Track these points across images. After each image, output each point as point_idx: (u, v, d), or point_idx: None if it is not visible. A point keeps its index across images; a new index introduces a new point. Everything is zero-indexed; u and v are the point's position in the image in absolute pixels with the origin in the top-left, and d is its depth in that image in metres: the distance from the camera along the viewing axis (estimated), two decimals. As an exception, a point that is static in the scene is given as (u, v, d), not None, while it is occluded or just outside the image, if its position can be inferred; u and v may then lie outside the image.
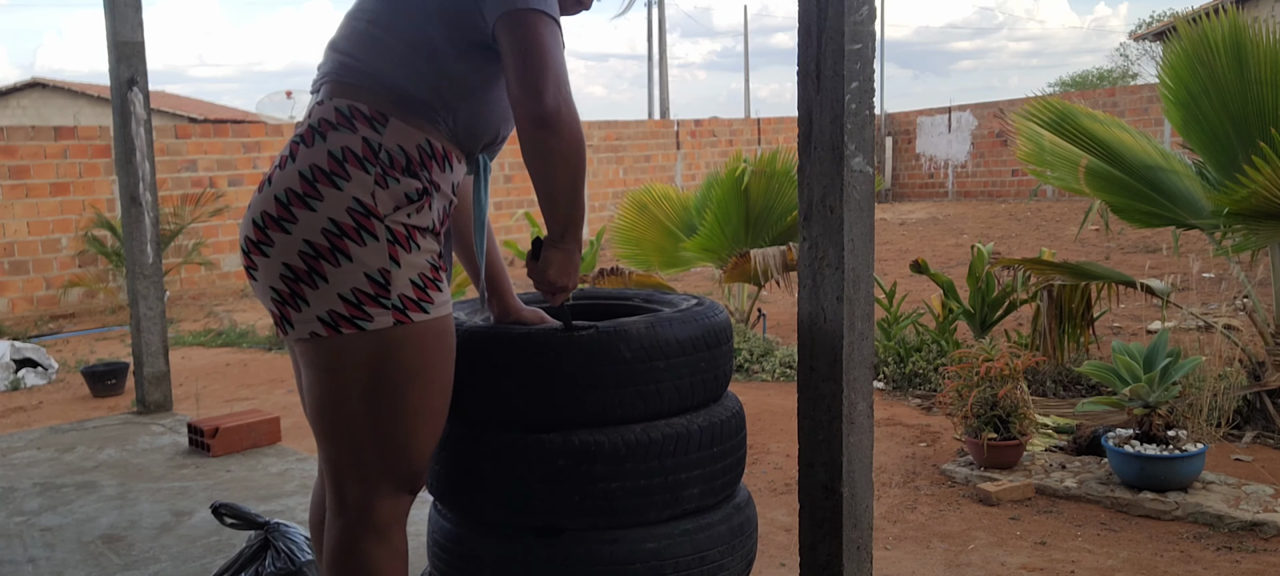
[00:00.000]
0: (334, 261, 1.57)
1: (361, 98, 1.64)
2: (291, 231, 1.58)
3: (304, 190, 1.58)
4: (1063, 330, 4.86)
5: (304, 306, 1.60)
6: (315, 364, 1.65)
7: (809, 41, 1.85)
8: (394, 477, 1.68)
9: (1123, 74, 33.74)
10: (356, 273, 1.57)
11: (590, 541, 1.88)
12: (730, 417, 2.01)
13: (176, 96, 25.36)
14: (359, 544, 1.68)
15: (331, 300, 1.58)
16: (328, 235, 1.57)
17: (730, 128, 18.07)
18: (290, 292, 1.60)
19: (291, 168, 1.61)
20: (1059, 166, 4.72)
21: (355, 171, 1.59)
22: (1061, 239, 11.43)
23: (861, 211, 1.85)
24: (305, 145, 1.62)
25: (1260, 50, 4.05)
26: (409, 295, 1.61)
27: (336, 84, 1.68)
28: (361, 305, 1.58)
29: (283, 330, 1.67)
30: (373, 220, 1.58)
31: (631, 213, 7.59)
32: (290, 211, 1.59)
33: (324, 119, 1.64)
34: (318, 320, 1.60)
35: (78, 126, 10.80)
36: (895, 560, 3.14)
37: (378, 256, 1.58)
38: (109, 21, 4.48)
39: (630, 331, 1.86)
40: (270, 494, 3.49)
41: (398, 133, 1.63)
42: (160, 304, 4.68)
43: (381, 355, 1.61)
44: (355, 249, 1.57)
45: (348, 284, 1.58)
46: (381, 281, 1.58)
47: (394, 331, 1.60)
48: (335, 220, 1.57)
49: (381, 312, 1.59)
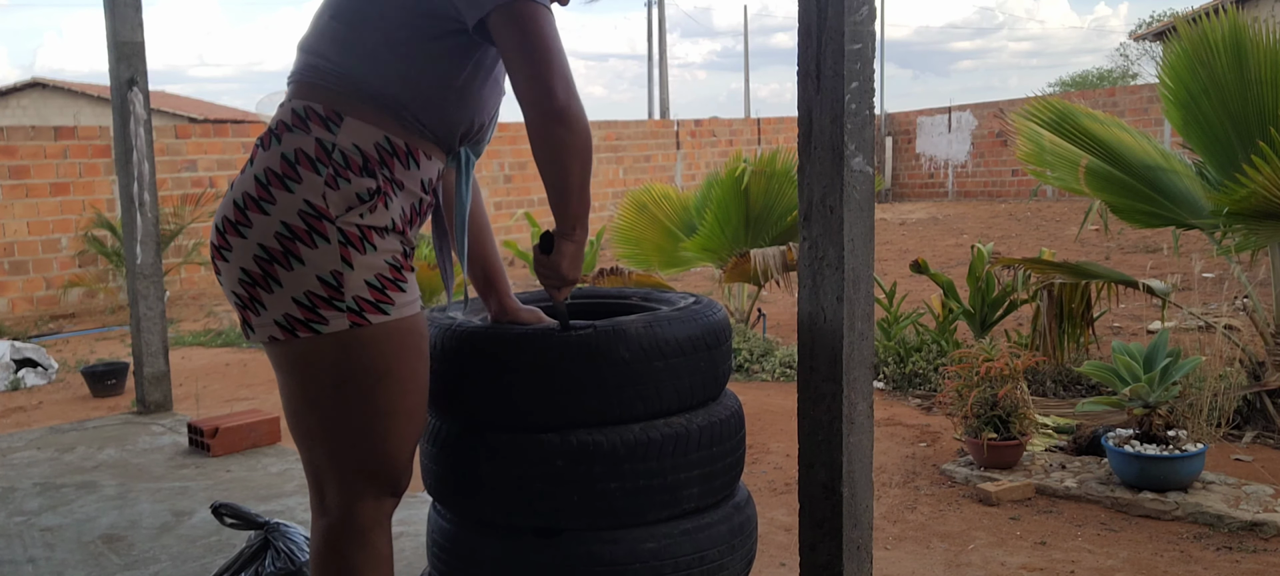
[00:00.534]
0: (287, 265, 1.57)
1: (318, 97, 1.63)
2: (247, 235, 1.59)
3: (258, 194, 1.59)
4: (1063, 330, 4.85)
5: (262, 310, 1.60)
6: (281, 367, 1.66)
7: (809, 41, 1.85)
8: (372, 481, 1.67)
9: (1123, 74, 33.75)
10: (309, 276, 1.57)
11: (589, 541, 1.88)
12: (729, 417, 2.00)
13: (176, 96, 25.37)
14: (340, 547, 1.67)
15: (286, 304, 1.58)
16: (280, 238, 1.57)
17: (730, 128, 18.07)
18: (249, 297, 1.61)
19: (249, 171, 1.62)
20: (1059, 166, 4.72)
21: (306, 173, 1.58)
22: (1061, 239, 11.43)
23: (861, 211, 1.85)
24: (263, 149, 1.63)
25: (1260, 50, 4.05)
26: (365, 297, 1.59)
27: (299, 84, 1.68)
28: (316, 308, 1.58)
29: (246, 334, 1.67)
30: (324, 222, 1.57)
31: (631, 212, 7.59)
32: (246, 215, 1.59)
33: (281, 121, 1.64)
34: (274, 324, 1.60)
35: (78, 126, 10.80)
36: (895, 560, 3.14)
37: (330, 259, 1.57)
38: (109, 21, 4.48)
39: (628, 331, 1.86)
40: (270, 494, 3.49)
41: (353, 131, 1.61)
42: (160, 304, 4.68)
43: (342, 358, 1.60)
44: (306, 251, 1.56)
45: (301, 287, 1.57)
46: (334, 283, 1.57)
47: (352, 333, 1.59)
48: (287, 223, 1.57)
49: (336, 315, 1.58)
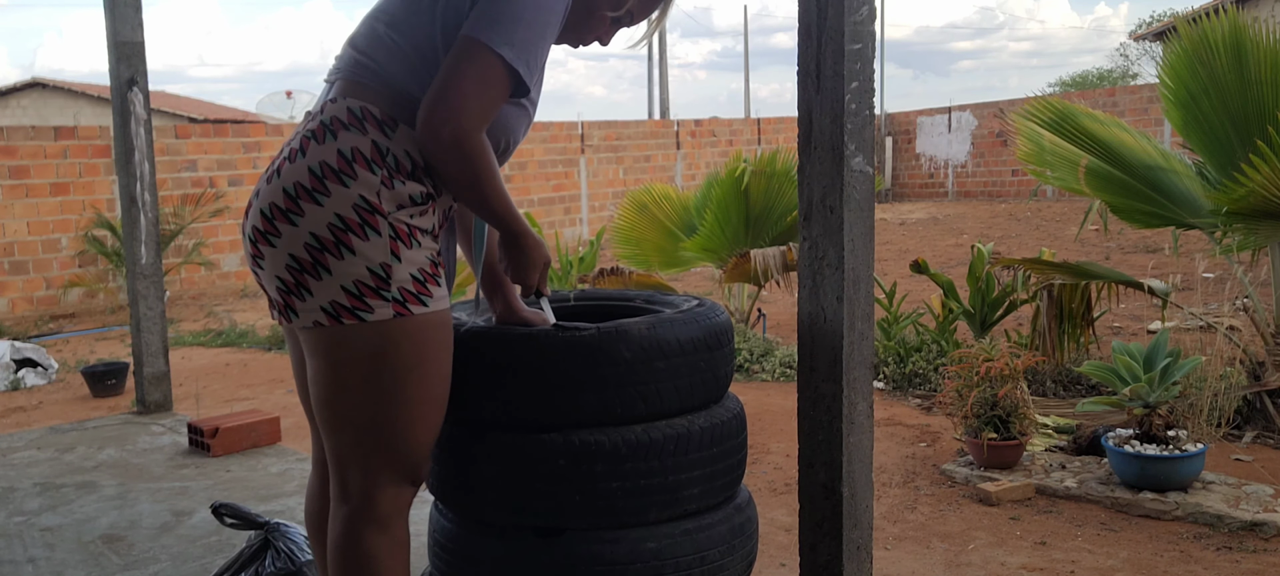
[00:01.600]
0: (338, 254, 1.61)
1: (373, 100, 1.67)
2: (299, 224, 1.63)
3: (312, 185, 1.62)
4: (1063, 330, 4.86)
5: (308, 296, 1.64)
6: (319, 353, 1.69)
7: (809, 41, 1.85)
8: (395, 467, 1.72)
9: (1123, 74, 33.76)
10: (359, 265, 1.62)
11: (591, 541, 1.88)
12: (731, 419, 2.00)
13: (176, 96, 25.36)
14: (361, 533, 1.71)
15: (334, 291, 1.62)
16: (333, 229, 1.61)
17: (730, 128, 18.07)
18: (295, 283, 1.64)
19: (301, 162, 1.65)
20: (1059, 166, 4.72)
21: (362, 172, 1.63)
22: (1061, 239, 11.43)
23: (861, 211, 1.85)
24: (316, 142, 1.65)
25: (1260, 50, 4.05)
26: (409, 288, 1.65)
27: (350, 83, 1.71)
28: (363, 297, 1.63)
29: (287, 319, 1.70)
30: (377, 216, 1.62)
31: (631, 213, 7.59)
32: (298, 205, 1.63)
33: (336, 117, 1.67)
34: (321, 310, 1.64)
35: (78, 126, 10.80)
36: (895, 560, 3.14)
37: (380, 251, 1.62)
38: (109, 21, 4.48)
39: (631, 332, 1.86)
40: (270, 494, 3.49)
41: (406, 138, 1.66)
42: (160, 304, 4.69)
43: (381, 346, 1.65)
44: (359, 243, 1.61)
45: (350, 276, 1.62)
46: (382, 275, 1.62)
47: (394, 323, 1.64)
48: (341, 215, 1.61)
49: (382, 304, 1.63)
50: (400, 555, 1.75)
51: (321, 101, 1.74)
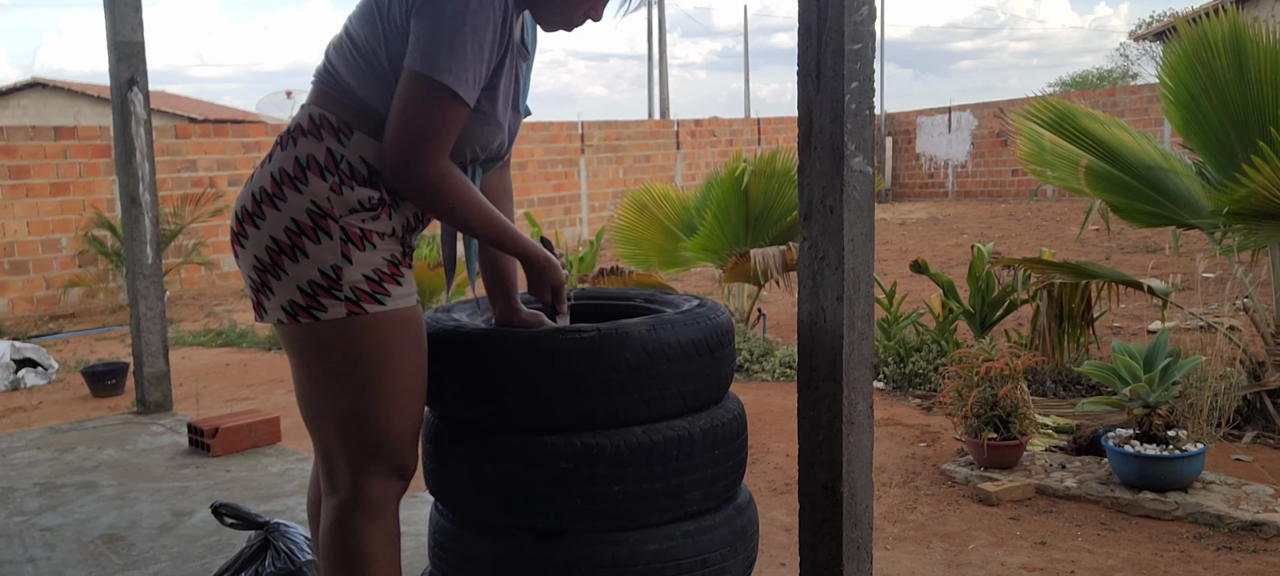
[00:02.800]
0: (293, 257, 1.70)
1: (333, 107, 1.74)
2: (262, 227, 1.72)
3: (273, 191, 1.72)
4: (1063, 330, 4.85)
5: (271, 295, 1.74)
6: (290, 350, 1.79)
7: (809, 41, 1.85)
8: (378, 459, 1.77)
9: (1123, 74, 33.74)
10: (311, 267, 1.70)
11: (592, 543, 1.88)
12: (732, 420, 2.00)
13: (176, 96, 25.36)
14: (352, 521, 1.77)
15: (291, 291, 1.71)
16: (288, 233, 1.70)
17: (730, 128, 18.07)
18: (261, 282, 1.75)
19: (266, 168, 1.75)
20: (1059, 166, 4.72)
21: (314, 179, 1.70)
22: (1062, 239, 11.43)
23: (861, 211, 1.85)
24: (281, 148, 1.75)
25: (1260, 50, 4.05)
26: (362, 288, 1.71)
27: (316, 89, 1.79)
28: (316, 297, 1.71)
29: (258, 315, 1.80)
30: (328, 221, 1.70)
31: (631, 213, 7.59)
32: (261, 209, 1.73)
33: (299, 124, 1.76)
34: (281, 309, 1.73)
35: (78, 126, 10.80)
36: (895, 560, 3.14)
37: (331, 253, 1.70)
38: (109, 21, 4.48)
39: (632, 334, 1.86)
40: (270, 494, 3.49)
41: (361, 145, 1.72)
42: (160, 304, 4.69)
43: (341, 343, 1.73)
44: (311, 246, 1.70)
45: (304, 277, 1.70)
46: (334, 276, 1.70)
47: (349, 321, 1.71)
48: (295, 219, 1.70)
49: (335, 304, 1.71)
50: (390, 547, 1.79)
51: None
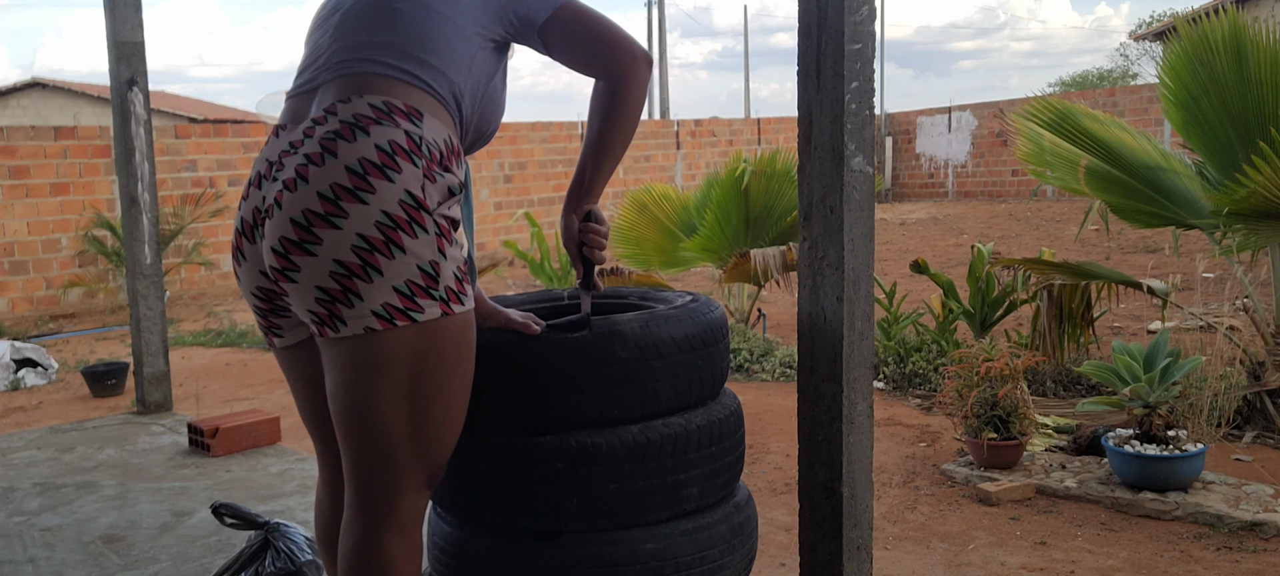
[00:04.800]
0: (388, 254, 1.56)
1: (392, 92, 1.64)
2: (343, 226, 1.55)
3: (354, 184, 1.56)
4: (1063, 330, 4.85)
5: (357, 302, 1.57)
6: (356, 361, 1.62)
7: (809, 41, 1.85)
8: (423, 472, 1.68)
9: (1123, 74, 33.74)
10: (410, 265, 1.57)
11: (590, 542, 1.88)
12: (728, 416, 2.00)
13: (176, 96, 25.37)
14: (382, 541, 1.67)
15: (386, 293, 1.57)
16: (381, 228, 1.55)
17: (730, 128, 18.07)
18: (342, 289, 1.57)
19: (334, 163, 1.57)
20: (1059, 166, 4.72)
21: (405, 164, 1.58)
22: (1062, 239, 11.43)
23: (861, 211, 1.85)
24: (346, 140, 1.59)
25: (1260, 50, 4.05)
26: (452, 287, 1.62)
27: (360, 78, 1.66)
28: (414, 297, 1.58)
29: (330, 329, 1.61)
30: (423, 213, 1.58)
31: (631, 213, 7.59)
32: (339, 206, 1.56)
33: (360, 115, 1.61)
34: (372, 314, 1.58)
35: (78, 126, 10.80)
36: (895, 560, 3.14)
37: (428, 248, 1.58)
38: (109, 21, 4.48)
39: (625, 331, 1.86)
40: (270, 494, 3.49)
41: (432, 128, 1.64)
42: (160, 304, 4.69)
43: (427, 347, 1.61)
44: (408, 241, 1.57)
45: (401, 276, 1.57)
46: (432, 273, 1.59)
47: (441, 323, 1.61)
48: (388, 212, 1.56)
49: (431, 304, 1.59)
50: (417, 561, 1.71)
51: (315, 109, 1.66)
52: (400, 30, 1.68)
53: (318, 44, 1.76)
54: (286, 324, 1.79)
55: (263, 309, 1.78)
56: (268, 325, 1.81)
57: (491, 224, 14.22)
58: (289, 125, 1.70)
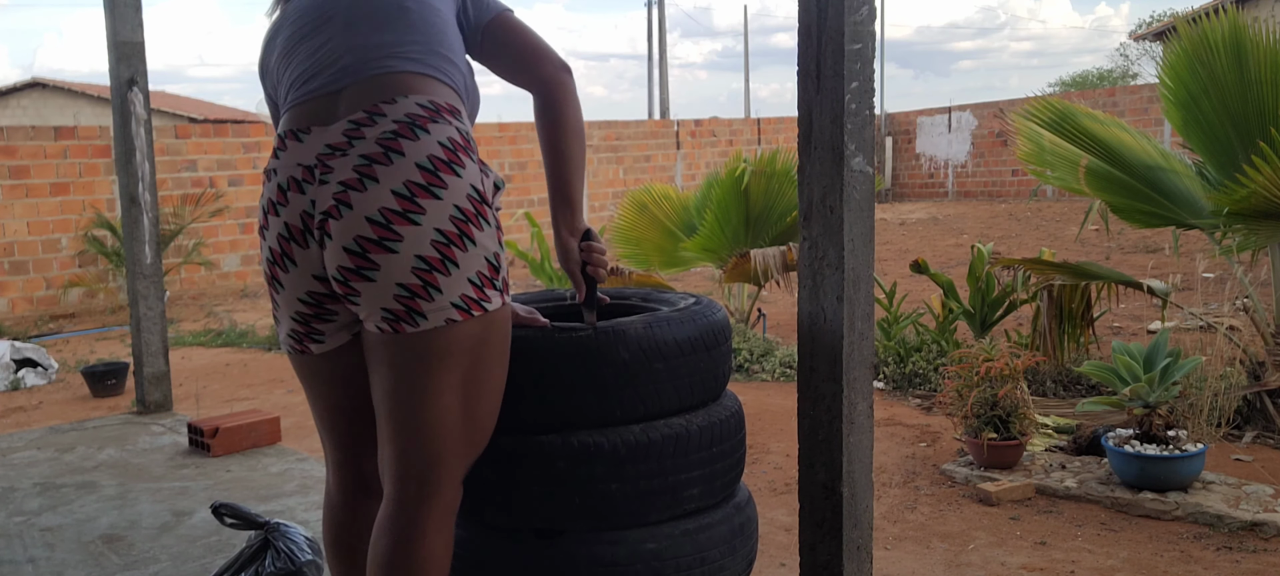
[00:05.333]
0: (463, 247, 1.59)
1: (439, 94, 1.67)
2: (422, 222, 1.57)
3: (427, 180, 1.58)
4: (1063, 330, 4.85)
5: (437, 295, 1.58)
6: (426, 353, 1.61)
7: (809, 41, 1.85)
8: (465, 462, 1.71)
9: (1123, 74, 33.75)
10: (480, 256, 1.62)
11: (591, 542, 1.88)
12: (729, 417, 2.00)
13: (176, 96, 25.38)
14: (426, 534, 1.66)
15: (463, 285, 1.60)
16: (455, 221, 1.59)
17: (730, 128, 18.07)
18: (423, 284, 1.58)
19: (404, 161, 1.57)
20: (1059, 166, 4.72)
21: (466, 159, 1.63)
22: (1062, 239, 11.43)
23: (861, 211, 1.85)
24: (408, 139, 1.59)
25: (1260, 50, 4.05)
26: (505, 277, 1.69)
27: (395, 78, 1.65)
28: (484, 287, 1.63)
29: (408, 324, 1.59)
30: (485, 205, 1.64)
31: (631, 213, 7.59)
32: (416, 203, 1.57)
33: (412, 115, 1.61)
34: (452, 306, 1.59)
35: (78, 126, 10.80)
36: (895, 560, 3.14)
37: (492, 240, 1.64)
38: (109, 21, 4.48)
39: (628, 332, 1.86)
40: (270, 494, 3.49)
41: (467, 123, 1.71)
42: (160, 304, 4.69)
43: (487, 336, 1.65)
44: (478, 233, 1.61)
45: (474, 268, 1.61)
46: (495, 264, 1.64)
47: (501, 312, 1.67)
48: (459, 206, 1.59)
49: (495, 294, 1.65)
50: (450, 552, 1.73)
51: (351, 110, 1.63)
52: (417, 28, 1.70)
53: (323, 47, 1.71)
54: (330, 328, 1.74)
55: (307, 314, 1.72)
56: (308, 331, 1.75)
57: (491, 224, 14.20)
58: (314, 127, 1.65)
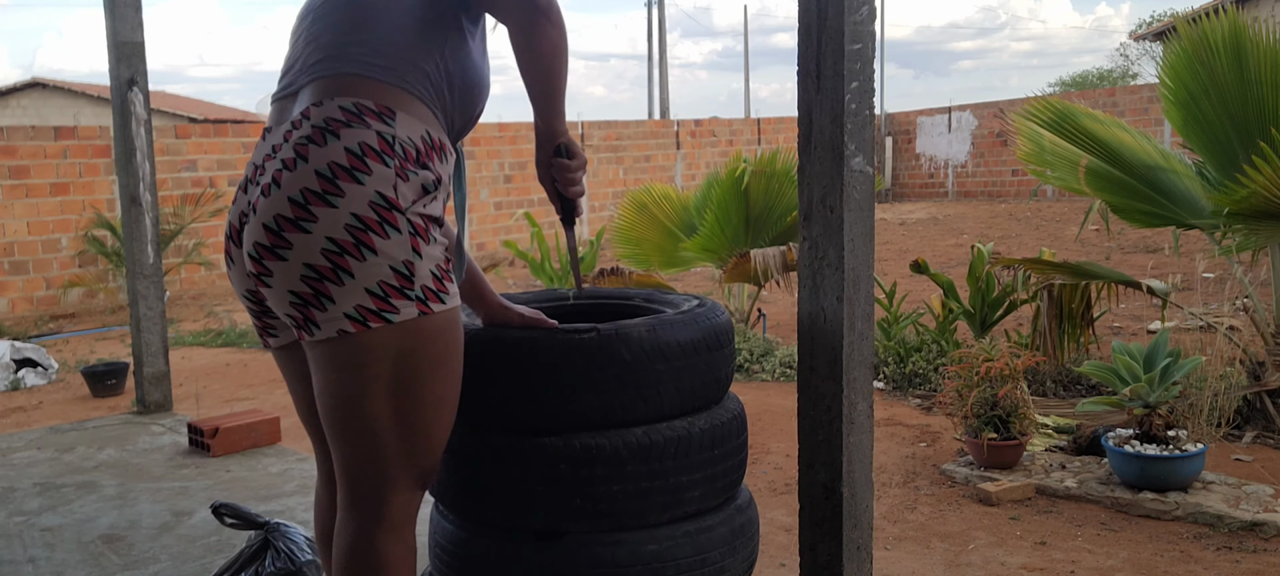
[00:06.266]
0: (359, 256, 1.56)
1: (362, 92, 1.63)
2: (312, 231, 1.56)
3: (323, 188, 1.57)
4: (1063, 330, 4.85)
5: (330, 305, 1.58)
6: (336, 362, 1.62)
7: (809, 41, 1.85)
8: (412, 471, 1.68)
9: (1123, 74, 33.75)
10: (382, 266, 1.57)
11: (592, 543, 1.88)
12: (731, 419, 2.00)
13: (176, 96, 25.38)
14: (374, 541, 1.67)
15: (359, 295, 1.57)
16: (350, 231, 1.56)
17: (730, 128, 18.07)
18: (314, 293, 1.58)
19: (305, 167, 1.58)
20: (1059, 166, 4.72)
21: (375, 165, 1.58)
22: (1062, 239, 11.43)
23: (861, 211, 1.85)
24: (317, 144, 1.59)
25: (1260, 50, 4.05)
26: (429, 286, 1.61)
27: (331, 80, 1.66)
28: (388, 298, 1.58)
29: (306, 332, 1.62)
30: (395, 213, 1.58)
31: (631, 213, 7.59)
32: (309, 210, 1.57)
33: (330, 118, 1.61)
34: (345, 316, 1.58)
35: (78, 126, 10.80)
36: (895, 560, 3.14)
37: (402, 249, 1.58)
38: (109, 21, 4.48)
39: (631, 334, 1.86)
40: (270, 494, 3.49)
41: (405, 125, 1.63)
42: (160, 304, 4.69)
43: (406, 347, 1.61)
44: (379, 242, 1.57)
45: (374, 278, 1.57)
46: (406, 273, 1.59)
47: (418, 322, 1.61)
48: (357, 215, 1.56)
49: (407, 304, 1.59)
50: (411, 560, 1.70)
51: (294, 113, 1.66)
52: (370, 26, 1.68)
53: (294, 46, 1.77)
54: (278, 324, 1.79)
55: (255, 310, 1.79)
56: (262, 325, 1.82)
57: (491, 224, 14.22)
58: (273, 128, 1.70)
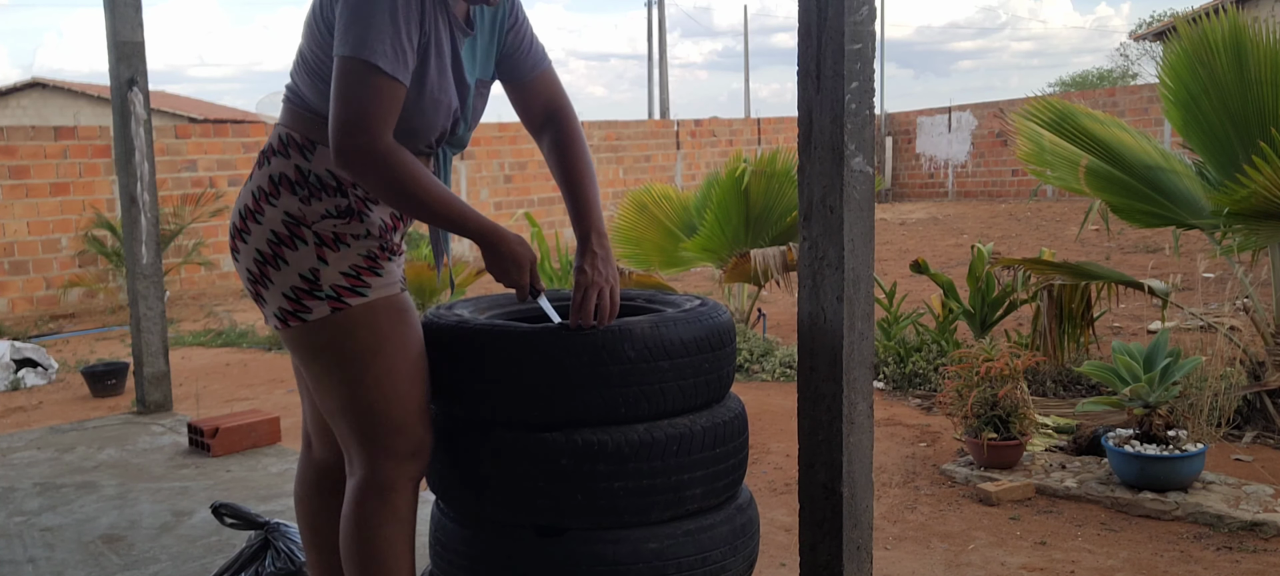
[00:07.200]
0: (276, 265, 1.82)
1: (297, 125, 1.83)
2: (249, 240, 1.85)
3: (253, 207, 1.84)
4: (1063, 330, 4.85)
5: (264, 305, 1.88)
6: (292, 351, 1.91)
7: (809, 41, 1.85)
8: (387, 441, 1.84)
9: (1123, 74, 33.73)
10: (292, 273, 1.81)
11: (593, 541, 1.88)
12: (733, 418, 2.00)
13: (176, 96, 25.37)
14: (363, 502, 1.86)
15: (279, 298, 1.83)
16: (270, 244, 1.82)
17: (730, 128, 18.07)
18: (255, 292, 1.88)
19: (248, 186, 1.87)
20: (1059, 166, 4.72)
21: (285, 194, 1.81)
22: (1062, 239, 11.43)
23: (861, 211, 1.85)
24: (258, 167, 1.86)
25: (1260, 50, 4.05)
26: (341, 285, 1.81)
27: (285, 108, 1.88)
28: (300, 300, 1.81)
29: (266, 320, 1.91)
30: (302, 227, 1.80)
31: (631, 212, 7.59)
32: (247, 224, 1.85)
33: (271, 144, 1.86)
34: (273, 315, 1.86)
35: (78, 126, 10.80)
36: (895, 560, 3.14)
37: (307, 258, 1.80)
38: (109, 21, 4.48)
39: (634, 331, 1.86)
40: (270, 494, 3.49)
41: (325, 158, 1.79)
42: (160, 304, 4.69)
43: (335, 338, 1.82)
44: (289, 253, 1.81)
45: (287, 283, 1.81)
46: (312, 278, 1.81)
47: (335, 318, 1.81)
48: (274, 231, 1.81)
49: (318, 304, 1.81)
50: (401, 529, 1.86)
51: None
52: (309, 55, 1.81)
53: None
54: None
55: None
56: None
57: (491, 224, 14.20)
58: None
